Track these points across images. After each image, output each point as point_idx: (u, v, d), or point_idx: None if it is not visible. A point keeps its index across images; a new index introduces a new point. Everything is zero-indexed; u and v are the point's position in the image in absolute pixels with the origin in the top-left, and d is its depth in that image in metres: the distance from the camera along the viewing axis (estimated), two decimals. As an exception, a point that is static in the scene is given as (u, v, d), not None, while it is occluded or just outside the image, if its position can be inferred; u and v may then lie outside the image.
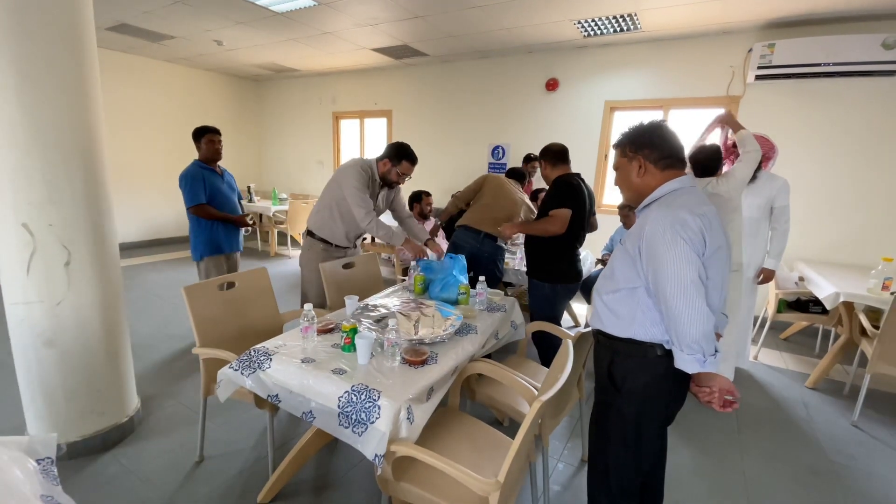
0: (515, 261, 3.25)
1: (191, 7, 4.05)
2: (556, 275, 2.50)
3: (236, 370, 1.52)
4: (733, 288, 2.70)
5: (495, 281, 2.95)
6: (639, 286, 1.26)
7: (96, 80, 1.95)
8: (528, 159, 4.27)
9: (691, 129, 4.48)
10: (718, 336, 1.36)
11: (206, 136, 3.07)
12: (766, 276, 2.96)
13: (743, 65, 4.00)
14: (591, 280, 3.25)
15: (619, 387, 1.32)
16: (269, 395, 1.48)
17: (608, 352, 1.36)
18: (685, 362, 1.18)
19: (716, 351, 1.18)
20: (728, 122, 2.65)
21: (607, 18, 3.86)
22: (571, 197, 2.35)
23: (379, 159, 2.59)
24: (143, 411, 2.33)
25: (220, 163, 3.22)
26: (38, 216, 1.78)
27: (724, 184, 2.50)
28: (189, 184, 2.96)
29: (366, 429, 1.28)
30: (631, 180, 1.35)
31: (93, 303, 1.96)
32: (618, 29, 4.11)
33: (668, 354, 1.23)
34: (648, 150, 1.31)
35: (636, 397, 1.31)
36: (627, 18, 3.84)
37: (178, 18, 4.42)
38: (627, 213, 3.43)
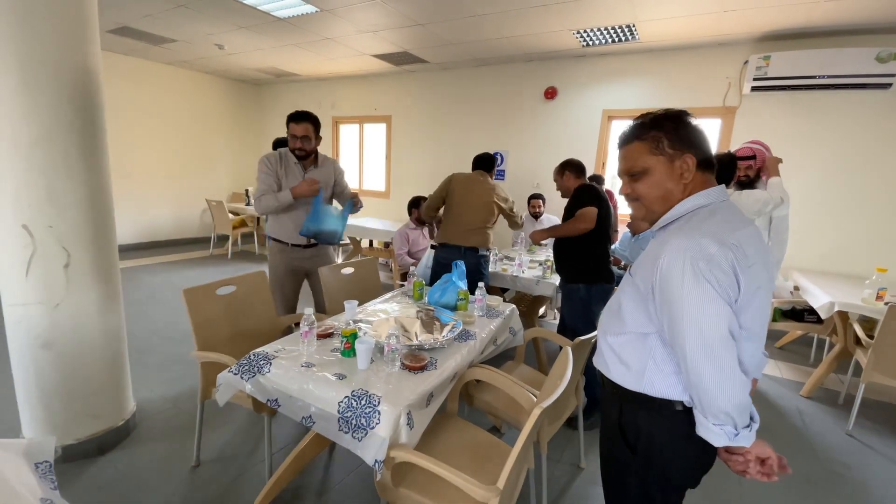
0: (513, 267, 3.26)
1: (193, 11, 4.08)
2: (592, 275, 2.50)
3: (236, 374, 1.52)
4: None
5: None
6: (651, 332, 1.01)
7: (99, 83, 1.96)
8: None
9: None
10: (755, 383, 1.08)
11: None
12: (764, 286, 2.98)
13: (739, 76, 4.05)
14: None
15: (633, 446, 1.07)
16: (268, 400, 1.48)
17: (616, 401, 1.10)
18: (710, 433, 0.93)
19: (752, 420, 0.95)
20: (772, 166, 2.71)
21: (606, 29, 3.91)
22: (595, 196, 2.45)
23: None
24: (139, 415, 2.32)
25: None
26: (39, 217, 1.78)
27: (742, 200, 2.53)
28: None
29: (366, 434, 1.29)
30: (669, 187, 1.00)
31: (91, 305, 1.96)
32: (616, 39, 4.16)
33: (691, 411, 0.99)
34: (697, 148, 0.99)
35: (656, 460, 1.05)
36: (626, 29, 3.89)
37: (179, 22, 4.44)
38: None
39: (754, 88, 3.83)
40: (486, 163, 3.18)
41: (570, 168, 2.58)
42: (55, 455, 1.11)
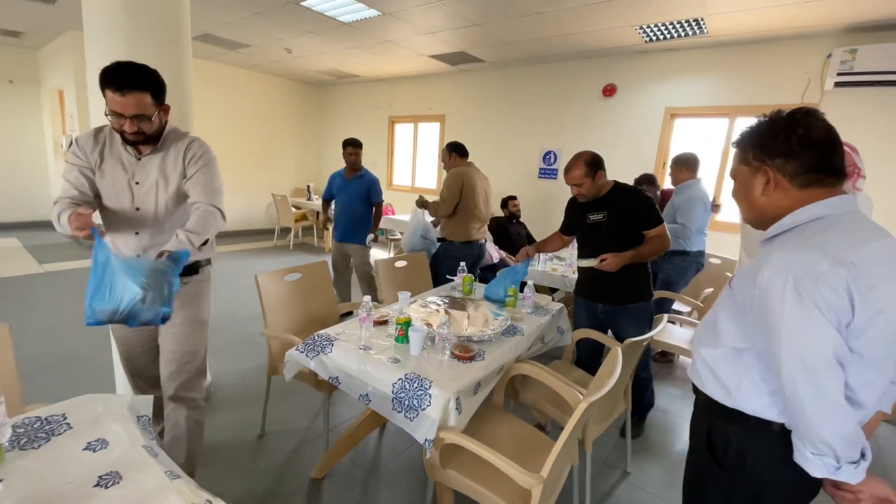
0: (563, 267, 3.25)
1: (266, 18, 4.39)
2: (650, 287, 2.30)
3: (302, 352, 1.67)
4: None
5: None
6: (747, 348, 0.96)
7: (191, 87, 2.20)
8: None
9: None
10: (879, 416, 0.97)
11: (345, 149, 3.62)
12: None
13: (821, 71, 3.75)
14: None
15: (721, 461, 1.02)
16: (330, 377, 1.61)
17: (706, 414, 1.06)
18: (807, 462, 0.86)
19: (862, 457, 0.85)
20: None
21: (671, 24, 3.77)
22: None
23: None
24: (213, 387, 2.57)
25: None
26: (139, 206, 2.01)
27: None
28: (327, 182, 3.78)
29: (417, 415, 1.37)
30: (753, 197, 0.99)
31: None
32: (682, 34, 4.00)
33: (790, 433, 0.92)
34: (783, 159, 0.92)
35: (745, 479, 0.99)
36: (693, 23, 3.72)
37: (254, 28, 4.79)
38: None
39: (838, 84, 3.54)
40: (465, 150, 3.32)
41: (602, 166, 2.15)
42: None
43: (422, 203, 3.43)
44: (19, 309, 3.59)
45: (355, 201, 3.59)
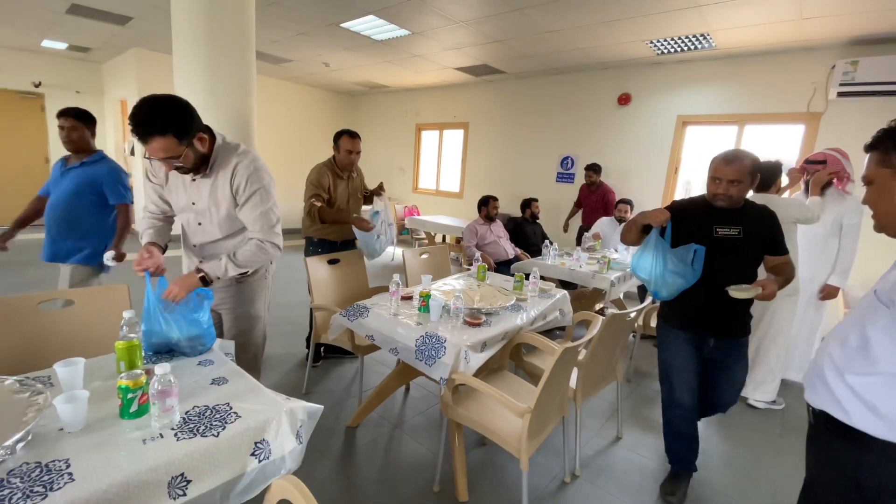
0: (570, 261, 3.53)
1: (309, 37, 4.90)
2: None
3: (345, 316, 2.07)
4: (788, 313, 2.79)
5: None
6: None
7: (254, 100, 2.65)
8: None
9: (768, 146, 4.47)
10: None
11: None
12: (829, 292, 2.97)
13: (825, 81, 3.95)
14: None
15: (872, 500, 0.95)
16: (366, 335, 2.01)
17: (851, 450, 0.96)
18: None
19: None
20: (814, 184, 2.80)
21: (679, 38, 4.05)
22: None
23: None
24: (265, 356, 3.00)
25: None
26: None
27: (780, 202, 2.64)
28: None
29: (435, 362, 1.74)
30: (892, 203, 0.92)
31: (240, 266, 2.65)
32: (691, 47, 4.26)
33: None
34: None
35: None
36: (700, 38, 3.99)
37: (297, 46, 5.32)
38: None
39: (840, 94, 3.73)
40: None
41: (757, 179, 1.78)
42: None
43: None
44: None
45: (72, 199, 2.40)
